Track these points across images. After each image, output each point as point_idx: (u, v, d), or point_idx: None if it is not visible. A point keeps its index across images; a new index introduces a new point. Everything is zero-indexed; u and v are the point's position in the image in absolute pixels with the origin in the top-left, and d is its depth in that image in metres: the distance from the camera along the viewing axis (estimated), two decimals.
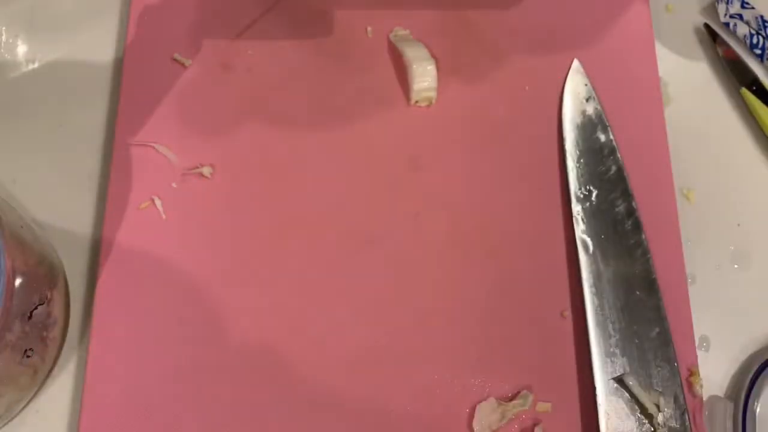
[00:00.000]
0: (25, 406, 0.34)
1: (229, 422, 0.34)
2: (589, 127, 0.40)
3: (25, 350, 0.31)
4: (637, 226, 0.37)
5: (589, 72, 0.41)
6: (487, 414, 0.34)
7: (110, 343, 0.35)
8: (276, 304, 0.36)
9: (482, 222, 0.38)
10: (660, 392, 0.34)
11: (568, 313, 0.36)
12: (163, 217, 0.37)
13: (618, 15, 0.43)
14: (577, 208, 0.38)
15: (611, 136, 0.39)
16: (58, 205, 0.38)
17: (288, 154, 0.38)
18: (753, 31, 0.43)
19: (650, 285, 0.36)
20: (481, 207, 0.38)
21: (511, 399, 0.35)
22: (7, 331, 0.29)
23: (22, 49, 0.41)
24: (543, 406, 0.35)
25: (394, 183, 0.38)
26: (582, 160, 0.39)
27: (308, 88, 0.40)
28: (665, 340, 0.35)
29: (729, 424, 0.35)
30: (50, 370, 0.35)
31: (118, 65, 0.41)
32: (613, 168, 0.38)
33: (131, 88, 0.39)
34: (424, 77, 0.39)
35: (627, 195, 0.38)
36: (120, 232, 0.36)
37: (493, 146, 0.39)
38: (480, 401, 0.34)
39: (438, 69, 0.39)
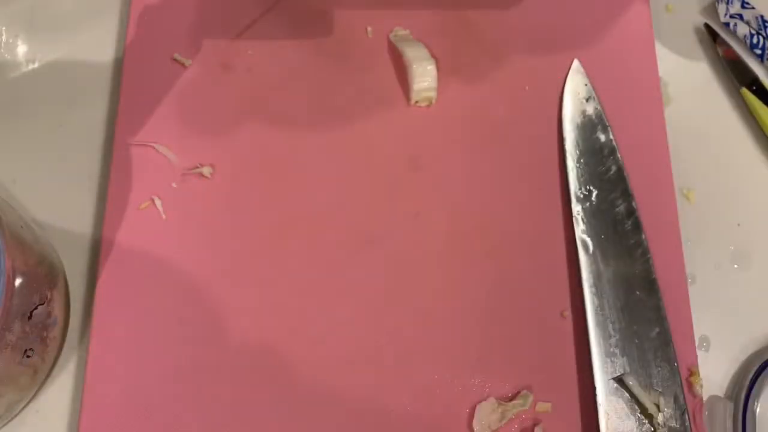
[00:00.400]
0: (25, 406, 0.34)
1: (229, 422, 0.34)
2: (589, 127, 0.40)
3: (25, 350, 0.31)
4: (637, 226, 0.37)
5: (589, 72, 0.41)
6: (487, 414, 0.34)
7: (110, 343, 0.35)
8: (276, 304, 0.36)
9: (482, 222, 0.38)
10: (660, 392, 0.34)
11: (568, 313, 0.36)
12: (163, 217, 0.37)
13: (618, 15, 0.43)
14: (577, 208, 0.38)
15: (611, 136, 0.39)
16: (58, 205, 0.38)
17: (288, 154, 0.38)
18: (753, 31, 0.43)
19: (650, 285, 0.36)
20: (481, 207, 0.38)
21: (511, 399, 0.35)
22: (7, 331, 0.29)
23: (22, 49, 0.41)
24: (543, 406, 0.35)
25: (394, 183, 0.38)
26: (582, 160, 0.39)
27: (308, 88, 0.40)
28: (665, 340, 0.35)
29: (729, 424, 0.35)
30: (50, 370, 0.35)
31: (118, 65, 0.41)
32: (613, 168, 0.38)
33: (131, 88, 0.39)
34: (424, 77, 0.39)
35: (627, 195, 0.38)
36: (120, 232, 0.36)
37: (493, 146, 0.39)
38: (480, 401, 0.34)
39: (438, 69, 0.39)
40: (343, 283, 0.36)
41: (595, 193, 0.38)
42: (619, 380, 0.34)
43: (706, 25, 0.44)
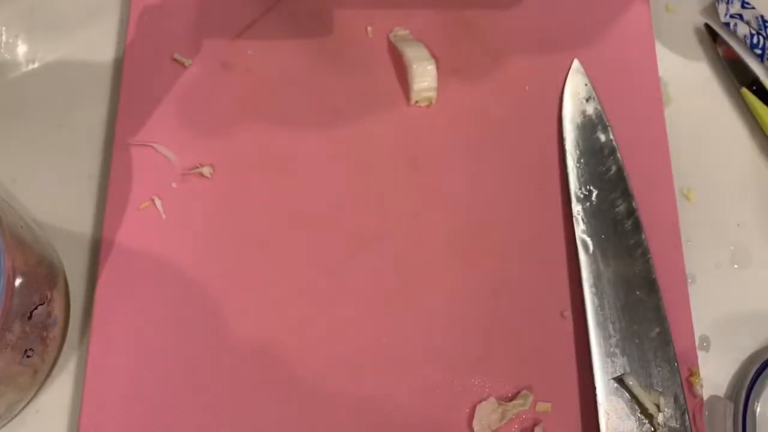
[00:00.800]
0: (25, 406, 0.34)
1: (229, 422, 0.34)
2: (589, 127, 0.40)
3: (25, 350, 0.31)
4: (637, 226, 0.37)
5: (589, 72, 0.41)
6: (487, 414, 0.34)
7: (110, 343, 0.35)
8: (276, 304, 0.36)
9: (482, 222, 0.38)
10: (660, 392, 0.34)
11: (568, 313, 0.36)
12: (163, 217, 0.37)
13: (618, 15, 0.43)
14: (577, 208, 0.38)
15: (611, 136, 0.39)
16: (58, 205, 0.38)
17: (288, 154, 0.38)
18: (753, 31, 0.43)
19: (650, 285, 0.36)
20: (481, 207, 0.38)
21: (511, 399, 0.35)
22: (7, 331, 0.29)
23: (22, 49, 0.41)
24: (543, 406, 0.35)
25: (394, 183, 0.38)
26: (582, 160, 0.39)
27: (308, 88, 0.40)
28: (665, 340, 0.35)
29: (729, 424, 0.35)
30: (50, 370, 0.35)
31: (118, 65, 0.41)
32: (613, 168, 0.38)
33: (131, 88, 0.39)
34: (424, 77, 0.39)
35: (627, 195, 0.38)
36: (120, 232, 0.36)
37: (493, 146, 0.39)
38: (480, 401, 0.34)
39: (438, 69, 0.39)
40: (344, 283, 0.36)
41: (595, 193, 0.38)
42: (619, 380, 0.34)
43: (706, 25, 0.44)
